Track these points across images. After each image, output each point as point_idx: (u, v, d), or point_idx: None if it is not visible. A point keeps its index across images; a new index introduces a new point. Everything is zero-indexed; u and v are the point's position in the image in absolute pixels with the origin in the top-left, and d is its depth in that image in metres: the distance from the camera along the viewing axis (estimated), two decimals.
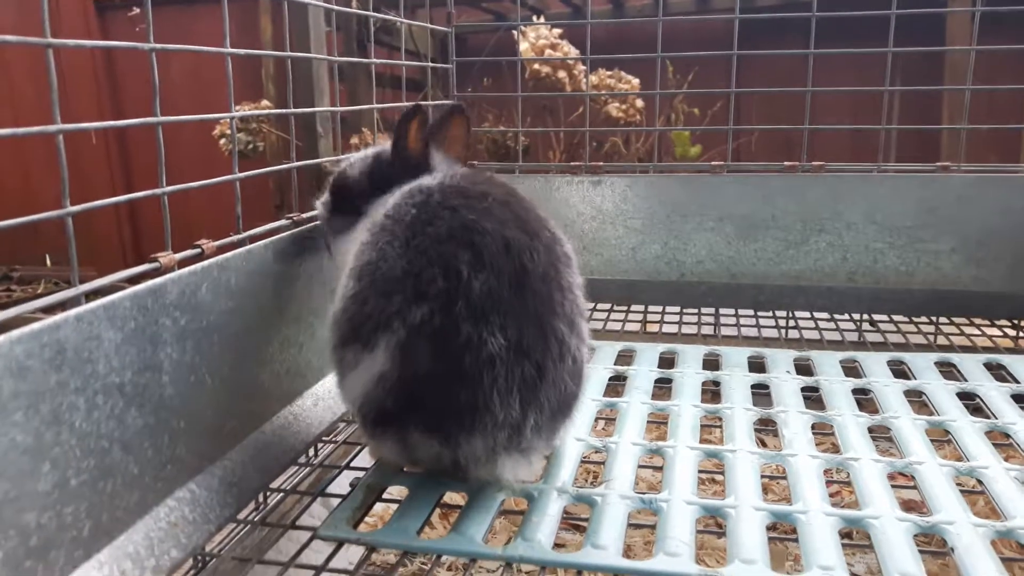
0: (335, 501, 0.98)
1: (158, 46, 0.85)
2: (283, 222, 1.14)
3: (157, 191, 0.89)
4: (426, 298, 0.88)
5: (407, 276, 0.89)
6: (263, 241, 1.06)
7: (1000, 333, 1.67)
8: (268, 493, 1.07)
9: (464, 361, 0.86)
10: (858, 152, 1.79)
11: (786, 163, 1.77)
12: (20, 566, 0.68)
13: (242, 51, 0.99)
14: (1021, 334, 1.66)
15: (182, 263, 0.91)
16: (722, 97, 1.82)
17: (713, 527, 0.97)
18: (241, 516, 0.98)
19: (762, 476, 1.03)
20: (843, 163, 1.78)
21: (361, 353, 0.92)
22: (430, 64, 1.86)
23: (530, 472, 0.98)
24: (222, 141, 3.22)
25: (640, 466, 1.07)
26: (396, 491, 1.00)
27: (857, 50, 1.67)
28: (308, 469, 1.13)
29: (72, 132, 0.75)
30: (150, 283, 0.84)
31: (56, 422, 0.72)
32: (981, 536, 0.86)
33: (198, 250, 0.95)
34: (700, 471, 1.06)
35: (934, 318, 1.72)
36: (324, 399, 1.20)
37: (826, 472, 1.04)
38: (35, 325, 0.68)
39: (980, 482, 1.00)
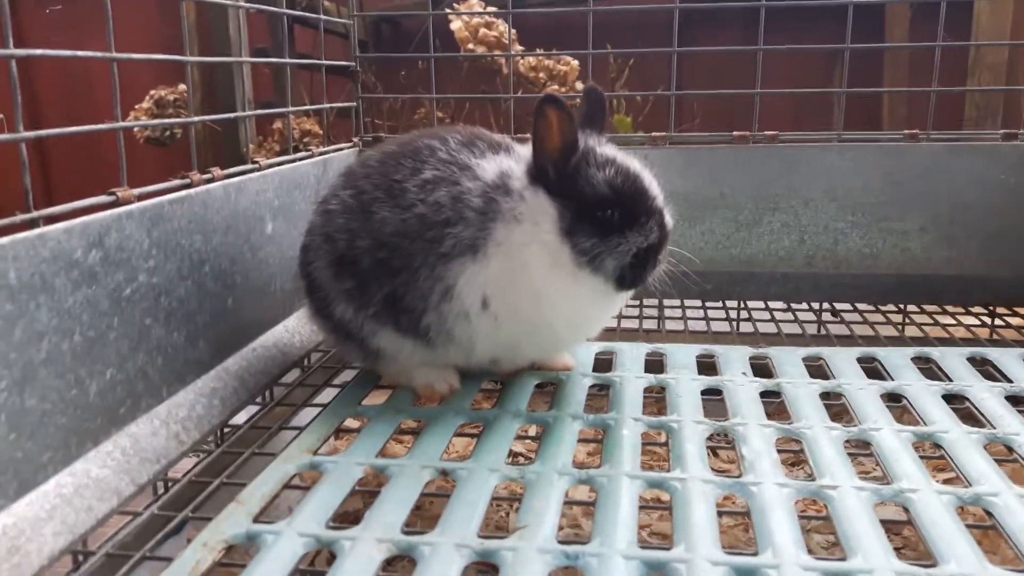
0: None
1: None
2: (103, 199, 0.88)
3: None
4: None
5: None
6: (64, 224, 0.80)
7: (976, 322, 1.48)
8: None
9: None
10: (802, 127, 1.60)
11: (736, 133, 1.56)
12: None
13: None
14: (998, 323, 1.48)
15: None
16: (662, 82, 1.62)
17: None
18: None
19: (719, 511, 0.81)
20: (798, 132, 1.59)
21: None
22: (324, 63, 1.60)
23: None
24: (135, 130, 3.14)
25: (566, 502, 0.85)
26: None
27: (801, 47, 1.48)
28: None
29: None
30: None
31: None
32: None
33: None
34: (642, 505, 0.85)
35: (902, 306, 1.53)
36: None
37: (797, 503, 0.83)
38: None
39: (989, 513, 0.80)
